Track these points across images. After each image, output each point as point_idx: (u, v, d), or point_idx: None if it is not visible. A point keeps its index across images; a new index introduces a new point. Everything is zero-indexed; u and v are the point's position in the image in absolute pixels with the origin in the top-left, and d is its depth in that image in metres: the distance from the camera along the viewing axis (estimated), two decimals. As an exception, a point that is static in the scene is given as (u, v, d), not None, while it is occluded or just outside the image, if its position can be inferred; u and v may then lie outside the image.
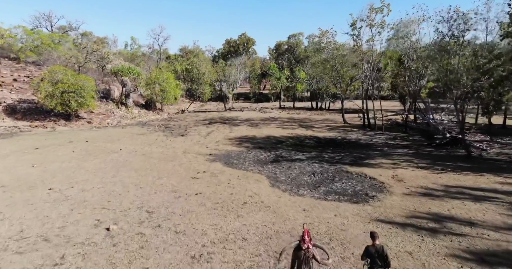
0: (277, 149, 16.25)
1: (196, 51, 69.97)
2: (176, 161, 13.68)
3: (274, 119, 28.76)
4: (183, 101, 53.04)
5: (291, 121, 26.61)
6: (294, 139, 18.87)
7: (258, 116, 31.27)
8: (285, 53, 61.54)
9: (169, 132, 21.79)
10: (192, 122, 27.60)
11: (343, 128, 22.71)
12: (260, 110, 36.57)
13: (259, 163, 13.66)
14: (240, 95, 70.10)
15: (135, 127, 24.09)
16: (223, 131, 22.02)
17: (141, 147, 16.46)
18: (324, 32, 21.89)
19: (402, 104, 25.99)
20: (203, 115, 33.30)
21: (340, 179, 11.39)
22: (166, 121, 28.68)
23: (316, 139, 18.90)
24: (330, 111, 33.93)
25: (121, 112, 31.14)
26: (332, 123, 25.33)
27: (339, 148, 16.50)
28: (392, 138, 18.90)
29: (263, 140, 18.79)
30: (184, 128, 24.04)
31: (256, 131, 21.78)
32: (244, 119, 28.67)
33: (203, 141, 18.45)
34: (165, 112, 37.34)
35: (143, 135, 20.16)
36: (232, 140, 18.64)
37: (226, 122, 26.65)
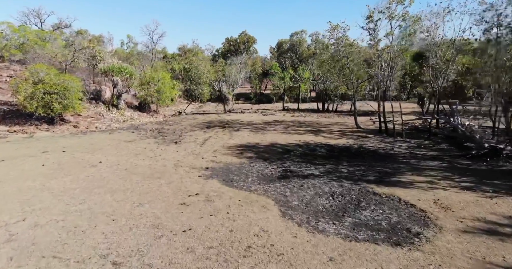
0: (284, 161, 13.89)
1: (195, 50, 67.63)
2: (165, 178, 11.32)
3: (278, 122, 26.38)
4: (180, 102, 50.72)
5: (297, 125, 24.22)
6: (303, 148, 16.49)
7: (261, 119, 28.89)
8: (287, 52, 59.17)
9: (162, 138, 19.43)
10: (188, 126, 25.23)
11: (357, 133, 20.31)
12: (262, 112, 34.20)
13: (264, 180, 11.30)
14: (240, 96, 67.86)
15: (125, 132, 21.73)
16: (222, 137, 19.65)
17: (125, 158, 14.10)
18: (335, 26, 19.52)
19: (420, 106, 23.63)
20: (201, 117, 30.94)
21: (368, 205, 9.02)
22: (160, 125, 26.31)
23: (328, 148, 16.52)
24: (338, 114, 31.50)
25: (112, 114, 28.78)
26: (343, 127, 22.93)
27: (357, 159, 14.12)
28: (416, 146, 16.51)
29: (267, 148, 16.42)
30: (179, 133, 21.68)
31: (259, 138, 19.41)
32: (245, 123, 26.30)
33: (199, 150, 16.08)
34: (161, 114, 34.99)
35: (132, 143, 17.79)
36: (232, 149, 16.27)
37: (226, 126, 24.28)
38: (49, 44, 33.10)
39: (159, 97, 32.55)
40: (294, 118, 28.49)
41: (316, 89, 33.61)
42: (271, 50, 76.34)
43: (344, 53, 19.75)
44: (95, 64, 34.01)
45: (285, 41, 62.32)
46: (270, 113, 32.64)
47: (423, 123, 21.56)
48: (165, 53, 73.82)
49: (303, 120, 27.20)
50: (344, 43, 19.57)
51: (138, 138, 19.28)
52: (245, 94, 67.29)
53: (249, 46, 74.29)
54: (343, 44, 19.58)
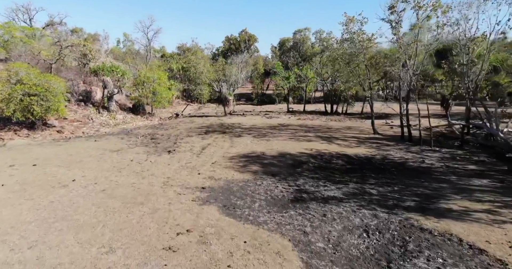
0: (296, 177, 11.52)
1: (195, 49, 65.26)
2: (149, 204, 8.96)
3: (284, 126, 24.00)
4: (178, 103, 48.39)
5: (306, 130, 21.84)
6: (316, 159, 14.11)
7: (264, 122, 26.51)
8: (290, 51, 56.80)
9: (154, 147, 17.08)
10: (185, 130, 22.87)
11: (375, 141, 17.91)
12: (266, 114, 31.80)
13: (275, 205, 8.95)
14: (241, 96, 65.53)
15: (113, 139, 19.37)
16: (222, 145, 17.28)
17: (106, 174, 11.74)
18: (351, 18, 17.10)
19: (444, 109, 21.22)
20: (199, 120, 28.57)
21: (419, 248, 6.66)
22: (155, 129, 23.96)
23: (346, 159, 14.14)
24: (348, 116, 29.05)
25: (102, 118, 26.44)
26: (357, 133, 20.53)
27: (384, 175, 11.75)
28: (450, 157, 14.11)
29: (275, 159, 14.05)
30: (174, 139, 19.32)
31: (264, 145, 17.04)
32: (248, 127, 23.92)
33: (195, 162, 13.71)
34: (156, 116, 32.64)
35: (118, 153, 15.43)
36: (233, 160, 13.90)
37: (226, 131, 21.90)
38: (36, 41, 30.74)
39: (155, 98, 30.23)
40: (301, 122, 26.09)
41: (324, 90, 31.15)
42: (273, 49, 74.06)
43: (360, 49, 17.34)
44: (86, 63, 31.65)
45: (287, 39, 60.00)
46: (274, 116, 30.25)
47: (448, 128, 19.16)
48: (163, 52, 71.56)
49: (311, 123, 24.80)
50: (361, 38, 17.16)
51: (126, 147, 16.91)
52: (246, 95, 64.96)
53: (250, 44, 71.97)
54: (360, 39, 17.17)
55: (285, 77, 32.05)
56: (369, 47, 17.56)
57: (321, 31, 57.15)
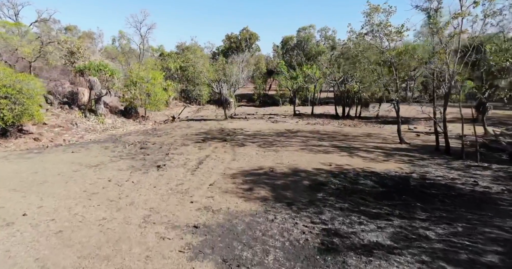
0: (319, 207, 8.79)
1: (194, 48, 62.54)
2: (117, 259, 6.24)
3: (293, 133, 21.26)
4: (176, 104, 45.70)
5: (319, 138, 19.09)
6: (339, 178, 11.38)
7: (270, 127, 23.77)
8: (294, 49, 54.05)
9: (141, 159, 14.37)
10: (180, 137, 20.16)
11: (405, 152, 15.14)
12: (270, 118, 29.04)
13: (297, 259, 6.24)
14: (242, 97, 62.80)
15: (95, 149, 16.66)
16: (223, 158, 14.55)
17: (71, 204, 9.02)
18: (376, 7, 14.35)
19: (480, 114, 18.46)
20: (197, 125, 25.85)
21: None
22: (146, 136, 21.26)
23: (376, 178, 11.40)
24: (363, 121, 26.14)
25: (89, 122, 23.74)
26: (380, 142, 17.75)
27: (434, 205, 9.01)
28: (507, 177, 11.35)
29: (287, 179, 11.32)
30: (167, 149, 16.62)
31: (272, 158, 14.32)
32: (252, 134, 21.19)
33: (189, 183, 10.98)
34: (151, 120, 29.94)
35: (96, 169, 12.71)
36: (236, 180, 11.18)
37: (227, 139, 19.18)
38: (19, 38, 28.05)
39: (148, 100, 27.53)
40: (311, 127, 23.32)
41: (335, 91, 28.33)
42: (275, 48, 71.31)
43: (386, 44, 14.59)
44: (73, 62, 28.95)
45: (290, 38, 57.23)
46: (280, 120, 27.50)
47: (485, 137, 16.41)
48: (162, 51, 68.86)
49: (324, 129, 22.04)
50: (387, 31, 14.42)
51: (108, 160, 14.18)
52: (247, 95, 62.31)
53: (252, 43, 69.24)
54: (387, 31, 14.43)
55: (292, 77, 29.22)
56: (397, 41, 14.85)
57: (326, 29, 54.46)
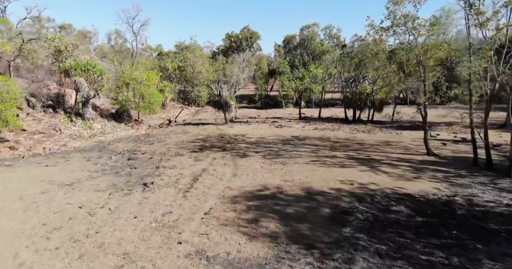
0: (349, 251, 6.62)
1: (193, 47, 60.40)
2: None
3: (300, 140, 19.08)
4: (173, 106, 43.55)
5: (331, 147, 16.89)
6: (366, 203, 9.19)
7: (274, 133, 21.57)
8: (297, 48, 51.82)
9: (127, 175, 12.22)
10: (174, 146, 17.99)
11: (437, 167, 12.92)
12: (274, 122, 26.85)
13: None
14: (243, 98, 60.72)
15: (76, 160, 14.50)
16: (222, 173, 12.37)
17: (21, 246, 6.85)
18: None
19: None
20: (195, 130, 23.66)
21: None
22: (137, 143, 19.12)
23: (412, 203, 9.23)
24: (377, 126, 23.70)
25: (75, 127, 21.57)
26: (403, 151, 15.53)
27: (498, 247, 6.84)
28: None
29: (301, 205, 9.15)
30: (158, 160, 14.47)
31: (280, 173, 12.14)
32: (255, 141, 19.02)
33: (178, 210, 8.81)
34: (145, 124, 27.77)
35: (68, 189, 10.55)
36: (238, 206, 9.00)
37: (227, 148, 16.99)
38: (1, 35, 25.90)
39: (142, 103, 25.36)
40: (320, 133, 21.11)
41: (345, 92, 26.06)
42: (276, 47, 69.21)
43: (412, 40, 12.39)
44: (61, 61, 26.79)
45: (293, 36, 54.96)
46: (285, 124, 25.30)
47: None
48: (160, 50, 66.77)
49: (334, 136, 19.83)
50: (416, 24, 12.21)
51: (86, 176, 12.01)
52: (248, 96, 60.22)
53: (253, 42, 67.11)
54: (415, 25, 12.22)
55: (297, 78, 26.98)
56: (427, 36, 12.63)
57: (331, 27, 52.27)
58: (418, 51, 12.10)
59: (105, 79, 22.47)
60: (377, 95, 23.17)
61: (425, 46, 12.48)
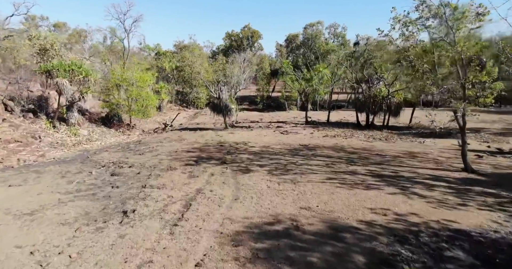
0: None
1: (192, 46, 58.26)
2: None
3: (311, 149, 16.85)
4: (171, 108, 41.39)
5: (348, 159, 14.63)
6: (411, 246, 6.98)
7: (280, 141, 19.35)
8: (300, 48, 49.64)
9: (105, 197, 10.04)
10: (167, 156, 15.80)
11: (483, 187, 10.69)
12: (278, 127, 24.61)
13: None
14: (244, 99, 58.55)
15: (48, 177, 12.30)
16: (221, 195, 10.16)
17: None
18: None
19: None
20: (191, 137, 21.44)
21: None
22: (126, 153, 16.95)
23: (470, 246, 7.04)
24: (394, 132, 21.12)
25: (58, 134, 19.38)
26: (433, 166, 13.27)
27: None
28: None
29: (326, 250, 6.95)
30: (145, 177, 12.28)
31: (292, 196, 9.93)
32: (258, 150, 16.81)
33: (160, 259, 6.58)
34: (138, 129, 25.57)
35: (24, 221, 8.34)
36: (241, 251, 6.79)
37: (227, 160, 14.76)
38: (-19, 32, 23.73)
39: (134, 106, 23.16)
40: (331, 141, 18.85)
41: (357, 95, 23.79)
42: (278, 47, 67.10)
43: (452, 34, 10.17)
44: (47, 61, 24.62)
45: (296, 35, 52.80)
46: (291, 130, 23.07)
47: None
48: (158, 50, 64.66)
49: (349, 145, 17.59)
50: (457, 15, 10.02)
51: (54, 200, 9.80)
52: (249, 97, 58.09)
53: (254, 41, 64.98)
54: (457, 16, 10.03)
55: (304, 79, 24.70)
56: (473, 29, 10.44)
57: (335, 25, 50.08)
58: (461, 47, 9.87)
59: (92, 80, 20.27)
60: (394, 98, 20.95)
61: (470, 38, 10.27)
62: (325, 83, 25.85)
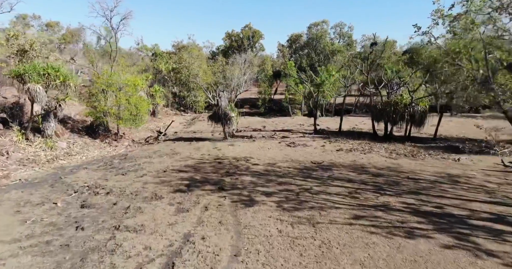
0: None
1: (191, 47, 55.72)
2: None
3: (326, 170, 14.21)
4: (166, 113, 38.81)
5: (375, 185, 11.98)
6: None
7: (287, 156, 16.70)
8: (304, 48, 47.01)
9: (59, 251, 7.43)
10: (153, 177, 13.19)
11: None
12: (284, 137, 21.94)
13: None
14: (244, 102, 56.00)
15: (1, 208, 9.71)
16: (215, 246, 7.54)
17: None
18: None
19: None
20: (185, 150, 18.81)
21: None
22: (107, 172, 14.36)
23: None
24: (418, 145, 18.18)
25: (31, 148, 16.79)
26: (488, 198, 10.61)
27: None
28: None
29: None
30: (122, 212, 9.69)
31: (315, 253, 7.31)
32: (263, 170, 14.18)
33: None
34: (127, 138, 22.98)
35: None
36: None
37: (225, 184, 12.11)
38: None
39: (121, 114, 20.58)
40: (348, 157, 16.16)
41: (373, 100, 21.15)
42: (280, 47, 64.56)
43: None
44: (27, 63, 22.04)
45: (300, 35, 50.16)
46: (298, 141, 20.40)
47: None
48: (156, 50, 62.15)
49: (370, 163, 14.92)
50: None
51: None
52: (250, 100, 55.54)
53: (255, 42, 62.53)
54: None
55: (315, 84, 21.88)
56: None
57: (341, 24, 47.47)
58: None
59: (72, 86, 17.67)
60: (418, 106, 18.28)
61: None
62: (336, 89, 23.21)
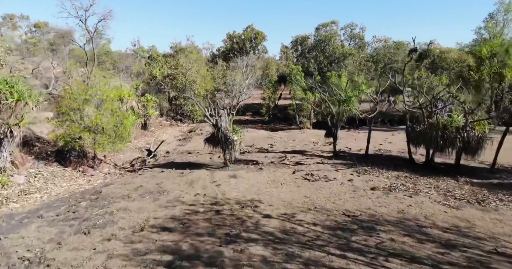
0: None
1: (190, 49, 51.84)
2: None
3: (369, 231, 10.15)
4: (160, 124, 34.92)
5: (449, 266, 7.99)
6: None
7: (308, 199, 12.73)
8: (312, 51, 43.05)
9: None
10: (123, 243, 9.28)
11: None
12: (298, 164, 17.88)
13: None
14: (247, 109, 52.01)
15: None
16: None
17: None
18: None
19: None
20: (175, 185, 14.83)
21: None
22: (66, 227, 10.49)
23: None
24: (475, 181, 13.66)
25: (-28, 188, 12.90)
26: None
27: None
28: None
29: None
30: None
31: None
32: (278, 228, 10.21)
33: None
34: (109, 163, 19.16)
35: None
36: None
37: (224, 264, 8.16)
38: None
39: (98, 137, 16.68)
40: (390, 203, 12.11)
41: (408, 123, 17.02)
42: (284, 50, 60.61)
43: None
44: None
45: (307, 37, 46.19)
46: (316, 170, 16.39)
47: None
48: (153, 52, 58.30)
49: (423, 214, 10.75)
50: None
51: None
52: (253, 106, 51.67)
53: (257, 43, 58.54)
54: None
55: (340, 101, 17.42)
56: None
57: (352, 25, 43.51)
58: None
59: (31, 106, 13.84)
60: (474, 131, 14.23)
61: None
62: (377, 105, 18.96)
